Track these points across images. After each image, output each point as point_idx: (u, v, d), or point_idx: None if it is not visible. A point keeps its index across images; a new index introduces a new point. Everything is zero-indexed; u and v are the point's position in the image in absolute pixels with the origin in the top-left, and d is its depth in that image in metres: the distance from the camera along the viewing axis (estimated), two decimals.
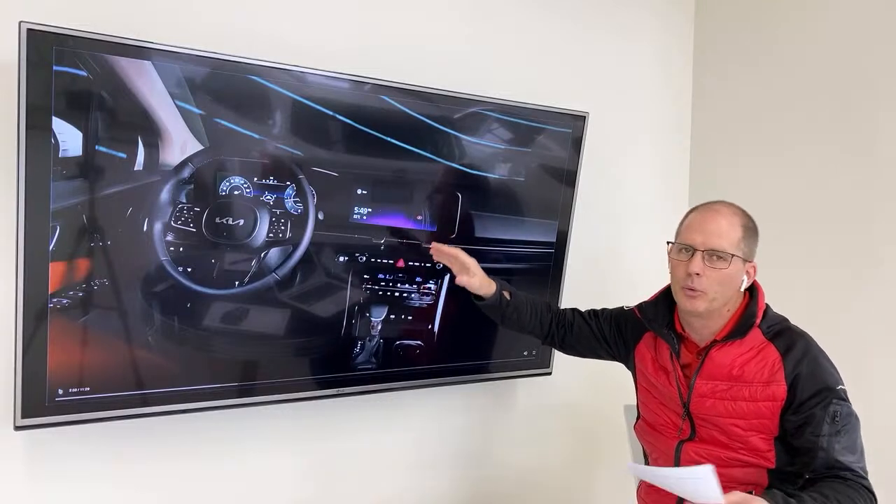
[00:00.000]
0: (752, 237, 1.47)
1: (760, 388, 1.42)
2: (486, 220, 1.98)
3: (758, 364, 1.43)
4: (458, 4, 2.11)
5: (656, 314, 1.58)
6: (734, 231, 1.44)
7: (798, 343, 1.43)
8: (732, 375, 1.45)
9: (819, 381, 1.39)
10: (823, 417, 1.36)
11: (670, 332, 1.55)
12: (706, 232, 1.44)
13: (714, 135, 2.59)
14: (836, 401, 1.37)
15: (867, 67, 2.10)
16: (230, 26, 1.75)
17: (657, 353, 1.61)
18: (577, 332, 1.75)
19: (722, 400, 1.46)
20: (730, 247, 1.42)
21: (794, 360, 1.41)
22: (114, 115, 1.47)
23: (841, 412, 1.37)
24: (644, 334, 1.66)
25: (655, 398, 1.61)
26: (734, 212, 1.48)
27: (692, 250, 1.44)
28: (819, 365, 1.41)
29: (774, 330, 1.47)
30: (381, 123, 1.78)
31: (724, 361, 1.46)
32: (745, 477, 1.46)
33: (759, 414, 1.42)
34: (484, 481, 2.27)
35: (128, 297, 1.54)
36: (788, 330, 1.47)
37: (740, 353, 1.45)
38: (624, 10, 2.45)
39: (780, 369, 1.41)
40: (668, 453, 1.56)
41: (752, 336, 1.46)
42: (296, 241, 1.72)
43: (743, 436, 1.44)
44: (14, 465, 1.57)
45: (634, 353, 1.67)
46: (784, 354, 1.42)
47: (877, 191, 2.06)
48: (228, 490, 1.84)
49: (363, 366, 1.88)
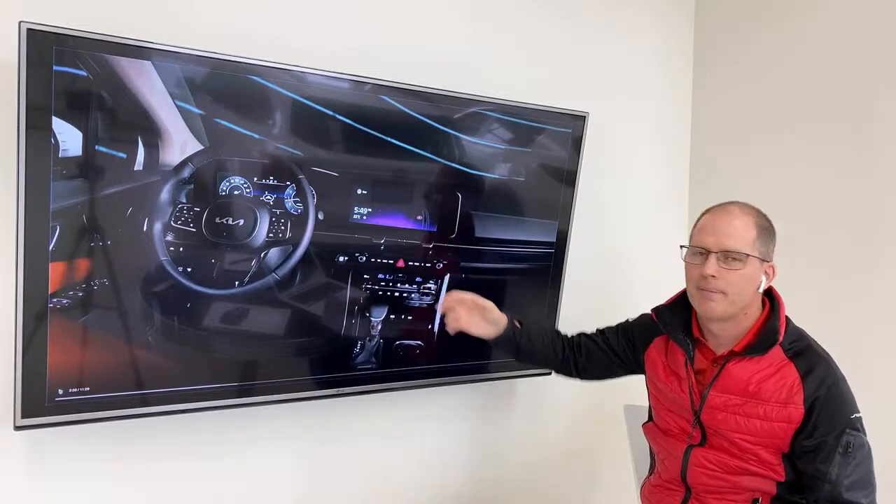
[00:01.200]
0: (767, 236, 1.44)
1: (777, 409, 1.39)
2: (486, 220, 1.98)
3: (776, 383, 1.40)
4: (458, 4, 2.11)
5: (673, 318, 1.55)
6: (748, 231, 1.41)
7: (819, 366, 1.40)
8: (748, 392, 1.42)
9: (836, 408, 1.36)
10: (835, 447, 1.34)
11: (686, 338, 1.52)
12: (719, 233, 1.42)
13: (714, 134, 2.59)
14: (850, 431, 1.35)
15: (867, 66, 2.10)
16: (230, 26, 1.75)
17: (668, 359, 1.58)
18: (587, 354, 1.72)
19: (734, 415, 1.43)
20: (744, 247, 1.40)
21: (815, 383, 1.37)
22: (114, 115, 1.47)
23: (854, 443, 1.34)
24: (654, 339, 1.63)
25: (664, 404, 1.60)
26: (747, 211, 1.45)
27: (706, 253, 1.42)
28: (838, 391, 1.38)
29: (796, 348, 1.43)
30: (381, 123, 1.78)
31: (742, 376, 1.43)
32: (752, 484, 1.45)
33: (772, 433, 1.40)
34: (484, 481, 2.27)
35: (128, 297, 1.54)
36: (810, 349, 1.44)
37: (759, 369, 1.42)
38: (624, 10, 2.45)
39: (798, 391, 1.38)
40: (676, 455, 1.55)
41: (772, 353, 1.42)
42: (296, 241, 1.72)
43: (752, 449, 1.42)
44: (14, 465, 1.57)
45: (644, 357, 1.65)
46: (804, 376, 1.38)
47: (878, 187, 2.06)
48: (228, 490, 1.84)
49: (363, 366, 1.88)
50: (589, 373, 1.75)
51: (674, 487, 1.57)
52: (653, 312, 1.62)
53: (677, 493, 1.56)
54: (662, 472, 1.62)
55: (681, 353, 1.53)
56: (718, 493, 1.49)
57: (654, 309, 1.62)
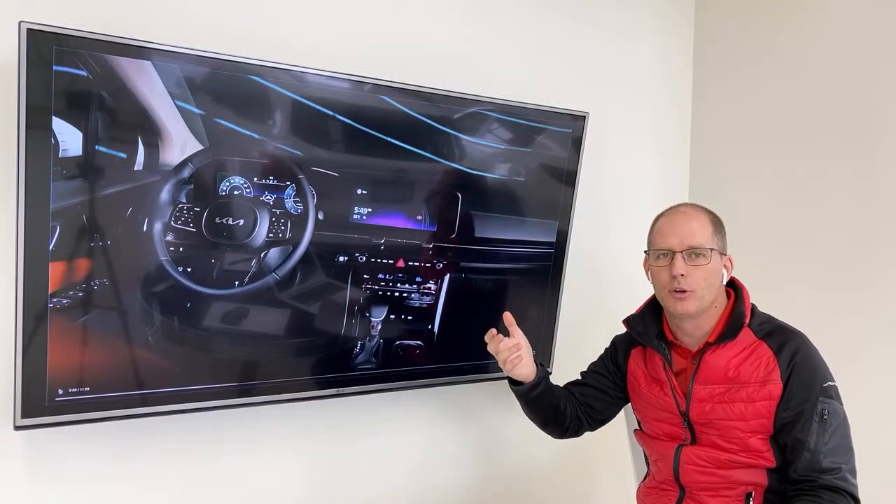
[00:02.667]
0: (722, 231, 1.52)
1: (757, 388, 1.43)
2: (485, 220, 1.98)
3: (752, 364, 1.44)
4: (458, 4, 2.11)
5: (645, 326, 1.59)
6: (706, 227, 1.48)
7: (791, 340, 1.44)
8: (728, 377, 1.45)
9: (810, 377, 1.40)
10: (812, 415, 1.38)
11: (661, 342, 1.55)
12: (680, 233, 1.48)
13: (714, 135, 2.59)
14: (824, 399, 1.39)
15: (868, 67, 2.10)
16: (230, 26, 1.75)
17: (648, 367, 1.61)
18: (588, 401, 1.71)
19: (720, 403, 1.46)
20: (706, 242, 1.46)
21: (788, 356, 1.42)
22: (114, 115, 1.47)
23: (829, 410, 1.38)
24: (631, 351, 1.67)
25: (650, 415, 1.62)
26: (700, 210, 1.52)
27: (670, 253, 1.47)
28: (811, 361, 1.42)
29: (766, 329, 1.48)
30: (381, 123, 1.78)
31: (719, 364, 1.47)
32: (745, 477, 1.47)
33: (758, 414, 1.43)
34: (484, 481, 2.27)
35: (128, 297, 1.54)
36: (780, 328, 1.49)
37: (734, 354, 1.46)
38: (624, 10, 2.45)
39: (774, 367, 1.42)
40: (667, 456, 1.56)
41: (743, 336, 1.47)
42: (296, 241, 1.72)
43: (742, 437, 1.45)
44: (14, 465, 1.57)
45: (627, 373, 1.67)
46: (777, 352, 1.43)
47: (878, 190, 2.06)
48: (228, 490, 1.84)
49: (363, 366, 1.88)
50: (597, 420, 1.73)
51: (668, 488, 1.59)
52: (624, 323, 1.66)
53: (672, 494, 1.57)
54: (656, 473, 1.64)
55: (659, 358, 1.57)
56: (712, 489, 1.50)
57: (625, 320, 1.66)
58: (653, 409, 1.60)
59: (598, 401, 1.72)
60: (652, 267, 1.53)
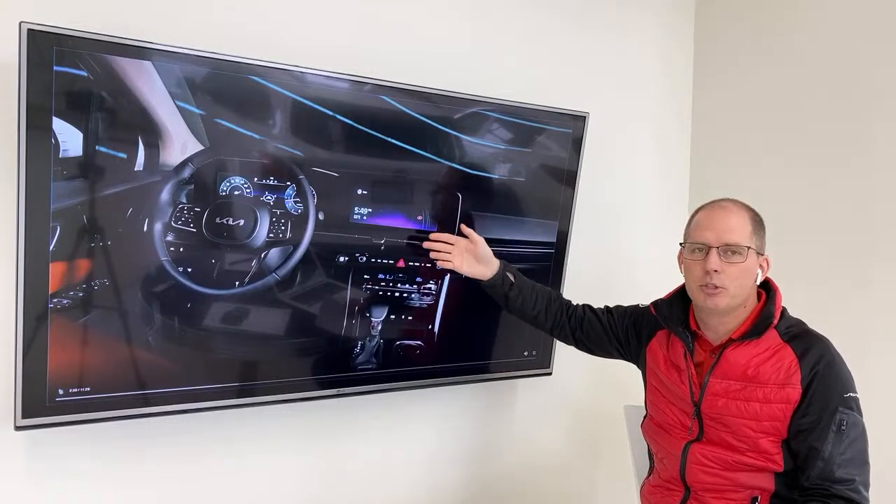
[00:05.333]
0: (761, 230, 1.48)
1: (775, 390, 1.41)
2: (486, 221, 1.98)
3: (774, 365, 1.42)
4: (458, 4, 2.11)
5: (671, 312, 1.58)
6: (745, 225, 1.45)
7: (816, 346, 1.42)
8: (747, 376, 1.44)
9: (830, 386, 1.38)
10: (829, 425, 1.35)
11: (685, 331, 1.54)
12: (718, 229, 1.44)
13: (714, 134, 2.59)
14: (844, 409, 1.36)
15: (867, 66, 2.10)
16: (230, 26, 1.75)
17: (669, 351, 1.60)
18: (588, 328, 1.75)
19: (735, 400, 1.45)
20: (743, 240, 1.43)
21: (811, 363, 1.39)
22: (114, 115, 1.47)
23: (848, 421, 1.35)
24: (657, 332, 1.65)
25: (665, 397, 1.61)
26: (741, 206, 1.49)
27: (706, 248, 1.45)
28: (834, 370, 1.39)
29: (792, 332, 1.45)
30: (381, 123, 1.78)
31: (740, 361, 1.45)
32: (751, 481, 1.45)
33: (773, 416, 1.41)
34: (484, 481, 2.27)
35: (128, 297, 1.54)
36: (807, 333, 1.46)
37: (756, 353, 1.44)
38: (624, 10, 2.45)
39: (796, 372, 1.40)
40: (674, 454, 1.55)
41: (768, 336, 1.45)
42: (296, 241, 1.72)
43: (753, 437, 1.43)
44: (14, 465, 1.58)
45: (646, 350, 1.67)
46: (801, 357, 1.41)
47: (877, 188, 2.06)
48: (229, 490, 1.84)
49: (363, 366, 1.88)
50: (584, 345, 1.80)
51: (673, 487, 1.58)
52: (652, 307, 1.64)
53: (676, 493, 1.56)
54: (661, 471, 1.62)
55: (680, 346, 1.56)
56: (717, 491, 1.49)
57: (653, 303, 1.65)
58: (667, 392, 1.59)
59: (592, 339, 1.76)
60: (686, 260, 1.50)
